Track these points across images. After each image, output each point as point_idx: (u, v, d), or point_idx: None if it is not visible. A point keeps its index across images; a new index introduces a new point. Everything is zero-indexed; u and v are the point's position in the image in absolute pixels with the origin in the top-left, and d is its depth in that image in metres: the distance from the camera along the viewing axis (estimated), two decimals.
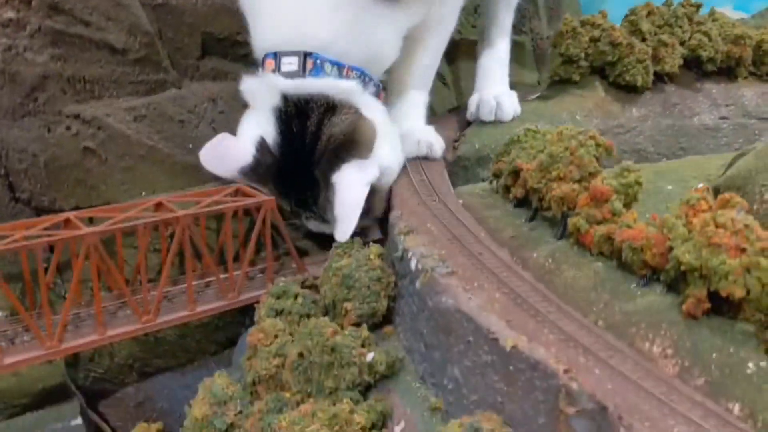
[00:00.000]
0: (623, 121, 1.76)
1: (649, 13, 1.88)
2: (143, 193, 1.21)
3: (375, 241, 1.35)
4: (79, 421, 1.12)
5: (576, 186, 0.99)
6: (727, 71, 1.89)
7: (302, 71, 1.18)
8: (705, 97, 1.86)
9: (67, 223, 1.04)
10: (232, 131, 1.38)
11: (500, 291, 0.87)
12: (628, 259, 0.86)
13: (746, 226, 0.73)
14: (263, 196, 1.18)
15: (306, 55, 1.18)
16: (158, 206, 1.13)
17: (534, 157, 1.12)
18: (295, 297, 1.13)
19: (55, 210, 1.15)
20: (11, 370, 1.02)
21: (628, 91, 1.78)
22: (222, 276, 1.15)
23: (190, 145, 1.26)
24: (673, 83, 1.85)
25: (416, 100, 1.44)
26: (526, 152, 1.17)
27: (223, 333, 1.27)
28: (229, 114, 1.35)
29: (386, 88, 1.43)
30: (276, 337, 1.06)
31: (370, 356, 0.95)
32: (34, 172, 1.12)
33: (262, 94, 1.21)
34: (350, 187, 1.16)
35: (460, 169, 1.52)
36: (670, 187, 1.24)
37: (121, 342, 1.15)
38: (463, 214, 1.14)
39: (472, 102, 1.65)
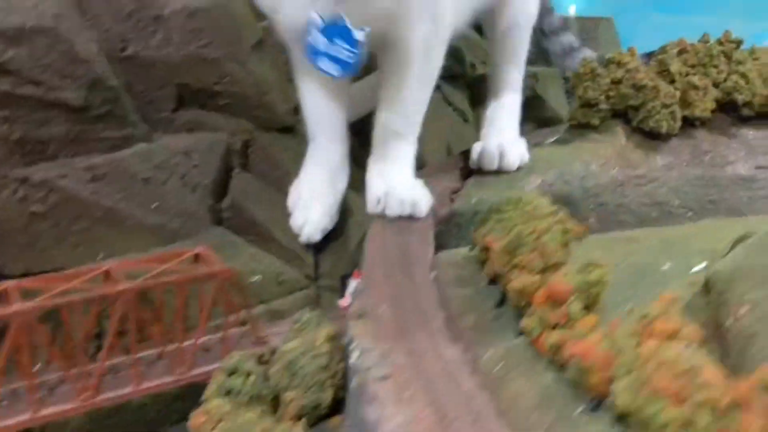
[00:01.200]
0: (644, 171, 1.62)
1: (681, 51, 1.74)
2: (101, 255, 1.16)
3: None
4: None
5: (536, 278, 0.88)
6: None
7: None
8: (740, 144, 1.70)
9: (4, 295, 1.00)
10: (208, 186, 1.33)
11: (430, 406, 0.78)
12: (575, 378, 0.75)
13: (692, 367, 0.62)
14: (220, 265, 1.11)
15: None
16: (106, 274, 1.08)
17: (508, 232, 1.02)
18: (247, 375, 1.06)
19: (4, 274, 1.11)
20: None
21: (653, 137, 1.65)
22: (171, 347, 1.10)
23: (155, 204, 1.20)
24: (705, 128, 1.71)
25: (401, 152, 1.34)
26: (503, 225, 1.06)
27: (182, 404, 1.21)
28: (205, 167, 1.29)
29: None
30: (220, 421, 1.00)
31: None
32: None
33: None
34: None
35: (453, 226, 1.42)
36: (666, 266, 1.11)
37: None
38: (427, 294, 1.04)
39: (475, 150, 1.55)
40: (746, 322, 0.78)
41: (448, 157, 1.73)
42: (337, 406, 1.00)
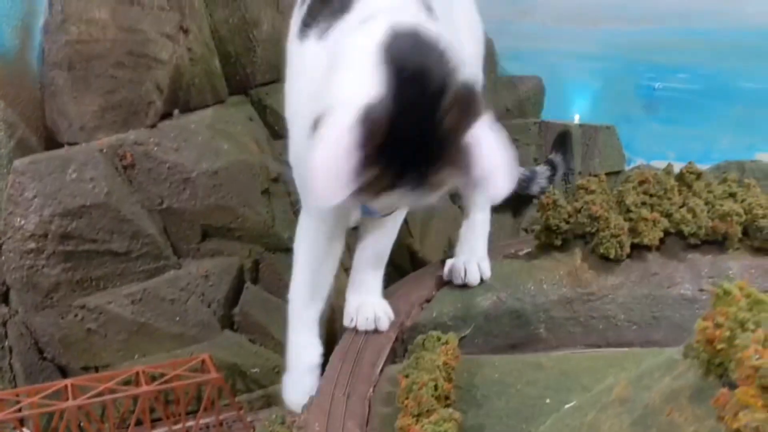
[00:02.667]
0: (595, 289, 1.90)
1: (641, 182, 2.01)
2: (136, 356, 1.61)
3: None
4: None
5: (411, 421, 1.24)
6: (717, 242, 1.96)
7: None
8: (687, 268, 1.95)
9: (64, 389, 1.45)
10: (221, 300, 1.75)
11: None
12: None
13: None
14: (214, 374, 1.52)
15: None
16: (137, 375, 1.51)
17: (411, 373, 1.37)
18: None
19: (69, 368, 1.57)
20: None
21: (606, 260, 1.93)
22: (177, 427, 1.52)
23: (177, 318, 1.64)
24: (657, 251, 1.97)
25: (372, 281, 1.70)
26: (420, 361, 1.42)
27: None
28: (219, 286, 1.72)
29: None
30: None
31: None
32: (53, 345, 1.56)
33: None
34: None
35: (417, 334, 1.77)
36: (548, 401, 1.42)
37: None
38: (355, 412, 1.40)
39: (447, 265, 1.88)
40: None
41: (429, 266, 2.05)
42: None
